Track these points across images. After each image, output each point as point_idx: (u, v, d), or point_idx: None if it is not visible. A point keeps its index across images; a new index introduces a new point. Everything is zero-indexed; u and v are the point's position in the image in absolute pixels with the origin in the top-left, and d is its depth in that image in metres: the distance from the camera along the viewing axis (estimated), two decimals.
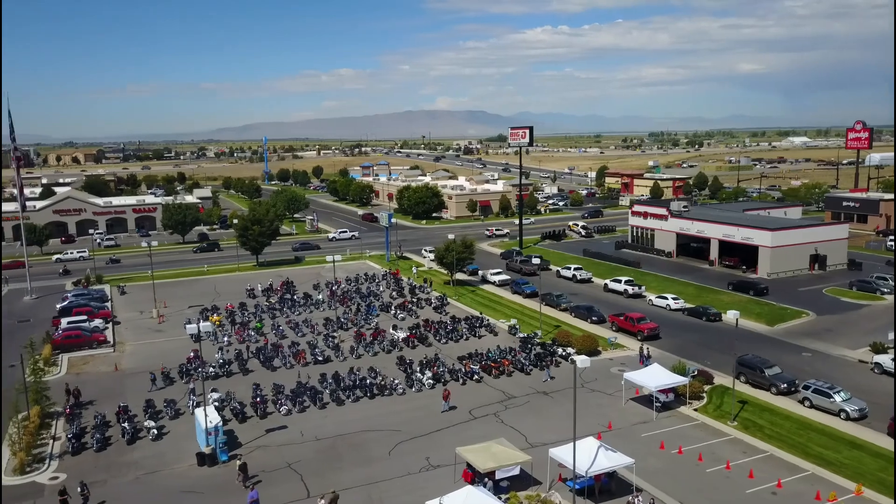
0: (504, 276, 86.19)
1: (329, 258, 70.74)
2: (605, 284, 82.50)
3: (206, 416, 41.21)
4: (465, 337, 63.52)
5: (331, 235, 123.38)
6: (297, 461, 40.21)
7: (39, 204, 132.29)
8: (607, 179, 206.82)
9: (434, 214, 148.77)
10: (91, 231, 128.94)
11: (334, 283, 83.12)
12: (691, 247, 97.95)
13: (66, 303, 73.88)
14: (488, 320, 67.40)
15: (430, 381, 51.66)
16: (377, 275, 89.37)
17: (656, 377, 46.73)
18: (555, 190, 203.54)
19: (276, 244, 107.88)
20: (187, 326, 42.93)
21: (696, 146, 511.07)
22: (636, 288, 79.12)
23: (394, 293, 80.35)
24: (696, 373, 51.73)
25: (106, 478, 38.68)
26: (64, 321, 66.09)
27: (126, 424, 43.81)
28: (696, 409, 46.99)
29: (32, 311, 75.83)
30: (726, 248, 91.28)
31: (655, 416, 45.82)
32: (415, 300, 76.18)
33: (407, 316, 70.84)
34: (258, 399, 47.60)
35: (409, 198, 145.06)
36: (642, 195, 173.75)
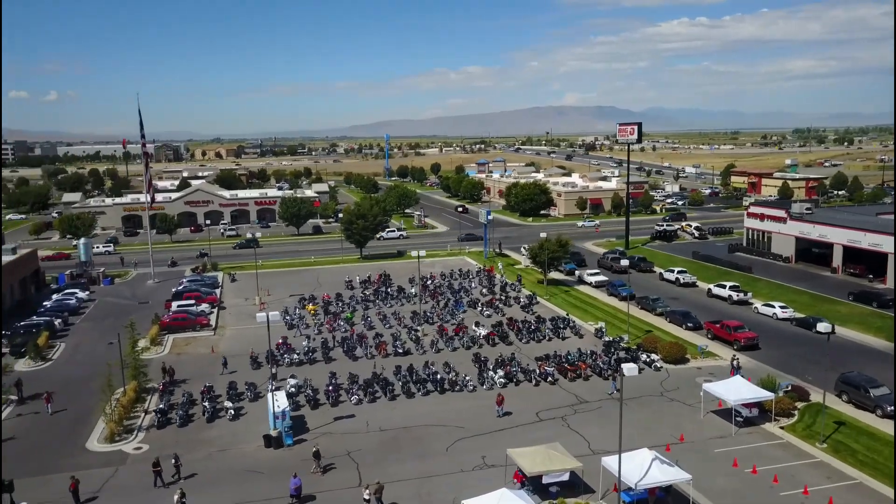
0: (601, 278, 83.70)
1: (413, 253, 71.46)
2: (709, 290, 78.11)
3: (275, 400, 43.09)
4: (547, 337, 62.32)
5: (379, 234, 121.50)
6: (357, 450, 41.09)
7: (175, 195, 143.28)
8: (733, 178, 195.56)
9: (542, 212, 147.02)
10: (207, 222, 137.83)
11: (427, 278, 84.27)
12: (812, 252, 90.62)
13: (180, 287, 79.67)
14: (574, 321, 65.74)
15: (502, 380, 51.13)
16: (471, 271, 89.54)
17: (738, 390, 43.67)
18: (676, 188, 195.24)
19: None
20: (257, 315, 44.78)
21: (846, 143, 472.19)
22: (742, 294, 74.32)
23: (484, 290, 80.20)
24: (789, 388, 47.89)
25: (182, 452, 41.30)
26: (174, 305, 71.31)
27: (207, 403, 46.64)
28: (782, 427, 43.46)
29: (153, 294, 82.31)
30: (852, 254, 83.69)
31: (735, 432, 42.85)
32: (503, 298, 75.69)
33: (493, 313, 70.50)
34: (331, 387, 49.12)
35: (516, 195, 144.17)
36: (770, 196, 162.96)
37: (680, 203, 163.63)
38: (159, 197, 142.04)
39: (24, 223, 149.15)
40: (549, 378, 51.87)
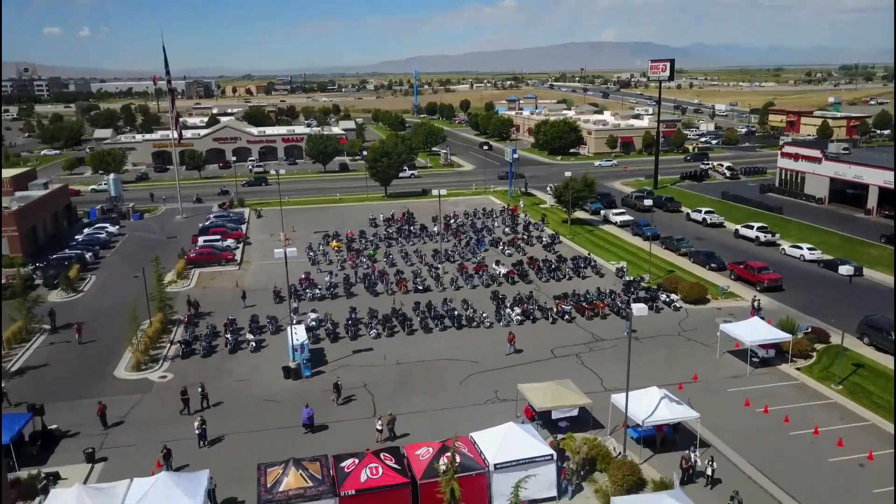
0: (626, 217, 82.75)
1: (435, 192, 71.17)
2: (736, 230, 76.83)
3: (294, 333, 44.05)
4: (567, 277, 62.21)
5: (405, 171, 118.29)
6: (374, 382, 42.03)
7: (203, 132, 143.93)
8: (771, 117, 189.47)
9: (571, 151, 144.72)
10: (233, 158, 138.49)
11: (451, 217, 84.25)
12: (847, 194, 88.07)
13: (207, 223, 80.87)
14: (595, 261, 65.40)
15: (519, 318, 51.45)
16: (495, 210, 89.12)
17: (755, 331, 43.39)
18: (711, 127, 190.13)
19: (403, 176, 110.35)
20: (275, 251, 45.30)
21: None
22: (769, 235, 73.00)
23: (507, 229, 79.93)
24: (809, 330, 47.41)
25: (204, 381, 42.72)
26: (201, 240, 72.54)
27: (229, 336, 47.89)
28: (798, 369, 43.26)
29: (181, 229, 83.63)
30: (888, 196, 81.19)
31: (749, 372, 42.77)
32: (526, 237, 75.43)
33: (514, 252, 70.42)
34: (350, 321, 49.98)
35: (545, 132, 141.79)
36: (808, 135, 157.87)
37: (714, 142, 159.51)
38: (188, 133, 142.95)
39: (57, 158, 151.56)
40: (566, 316, 52.02)
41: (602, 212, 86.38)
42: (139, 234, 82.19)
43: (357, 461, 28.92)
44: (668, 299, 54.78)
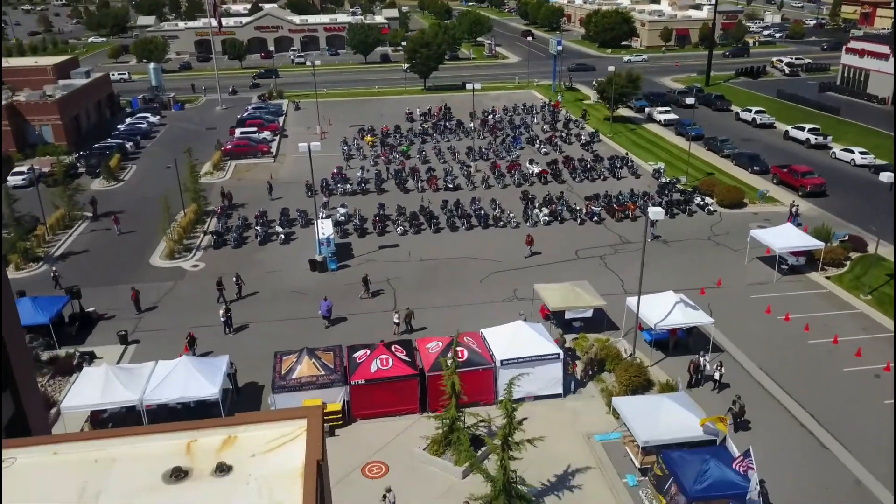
0: (671, 116, 79.59)
1: (469, 85, 69.25)
2: (786, 132, 73.38)
3: (321, 227, 44.80)
4: (602, 177, 60.94)
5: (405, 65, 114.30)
6: (396, 277, 42.84)
7: (245, 20, 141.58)
8: (843, 7, 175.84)
9: (623, 43, 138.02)
10: (270, 49, 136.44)
11: (489, 112, 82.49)
12: None
13: (245, 114, 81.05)
14: (632, 161, 63.74)
15: (546, 218, 51.10)
16: (536, 106, 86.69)
17: (786, 237, 42.24)
18: (777, 19, 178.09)
19: (444, 69, 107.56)
20: (299, 145, 45.36)
21: None
22: (821, 138, 69.59)
23: (546, 126, 77.98)
24: (846, 238, 45.95)
25: (234, 271, 44.22)
26: (238, 131, 72.96)
27: (259, 228, 48.99)
28: (828, 277, 42.30)
29: (220, 120, 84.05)
30: None
31: (776, 279, 42.05)
32: (564, 135, 73.58)
33: (551, 151, 68.98)
34: (377, 217, 50.44)
35: (595, 23, 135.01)
36: (883, 28, 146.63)
37: (778, 36, 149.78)
38: (230, 22, 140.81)
39: (103, 46, 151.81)
40: (595, 217, 51.43)
41: (647, 109, 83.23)
42: (179, 124, 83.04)
43: (369, 352, 30.00)
44: (702, 202, 53.45)
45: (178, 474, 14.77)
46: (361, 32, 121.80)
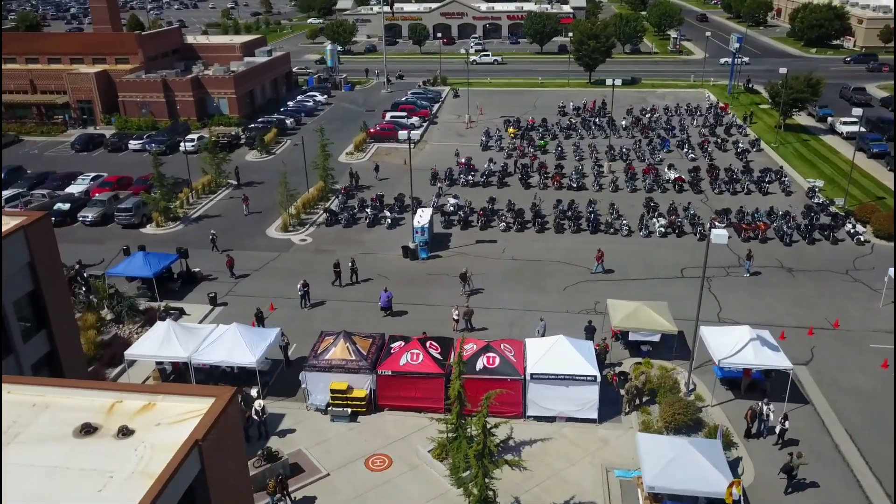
0: (856, 129, 70.02)
1: (609, 81, 65.88)
2: None
3: (419, 215, 45.54)
4: (745, 190, 55.50)
5: (472, 58, 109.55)
6: (481, 273, 42.32)
7: (433, 6, 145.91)
8: None
9: (834, 42, 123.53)
10: (441, 38, 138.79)
11: (647, 111, 78.33)
12: None
13: (402, 99, 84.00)
14: (785, 176, 57.26)
15: (662, 229, 47.71)
16: (701, 107, 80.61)
17: None
18: None
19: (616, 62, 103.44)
20: (400, 133, 46.16)
21: None
22: None
23: (704, 130, 72.31)
24: None
25: (334, 248, 46.47)
26: (388, 115, 75.85)
27: (369, 210, 50.82)
28: None
29: (381, 102, 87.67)
30: None
31: None
32: (719, 141, 67.76)
33: (700, 156, 63.94)
34: (481, 211, 50.16)
35: (802, 18, 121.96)
36: None
37: None
38: (417, 7, 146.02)
39: (305, 27, 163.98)
40: None
41: (829, 119, 74.11)
42: (344, 104, 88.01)
43: (403, 344, 30.22)
44: (852, 230, 46.86)
45: (88, 430, 16.20)
46: (539, 21, 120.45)
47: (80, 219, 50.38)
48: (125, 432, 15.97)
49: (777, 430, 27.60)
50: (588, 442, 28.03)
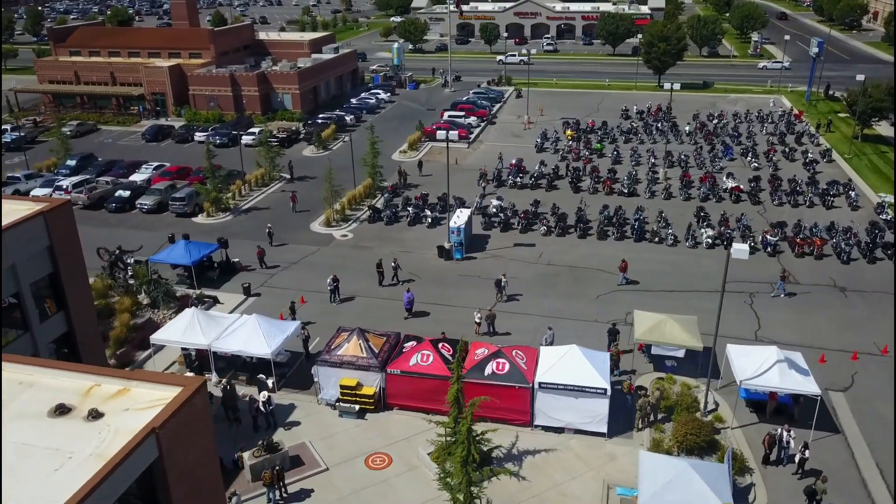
0: None
1: (667, 85, 63.61)
2: None
3: (457, 216, 45.42)
4: (808, 203, 52.69)
5: (499, 58, 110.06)
6: (514, 278, 41.68)
7: (507, 5, 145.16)
8: None
9: None
10: (509, 39, 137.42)
11: (714, 117, 75.56)
12: None
13: (463, 98, 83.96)
14: (854, 190, 54.01)
15: (709, 241, 45.86)
16: (773, 114, 77.02)
17: None
18: None
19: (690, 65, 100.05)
20: (438, 133, 46.00)
21: None
22: None
23: (773, 138, 69.05)
24: None
25: (374, 245, 46.90)
26: (446, 114, 75.97)
27: (411, 209, 51.02)
28: None
29: (443, 101, 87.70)
30: None
31: None
32: (787, 151, 64.53)
33: (764, 166, 61.11)
34: (525, 213, 49.52)
35: None
36: None
37: None
38: (492, 7, 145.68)
39: (380, 26, 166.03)
40: (769, 248, 44.88)
41: None
42: (406, 102, 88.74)
43: (415, 344, 30.19)
44: None
45: (62, 410, 16.89)
46: (612, 22, 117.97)
47: (138, 206, 52.73)
48: (95, 415, 16.56)
49: (797, 459, 26.04)
50: (594, 456, 27.24)
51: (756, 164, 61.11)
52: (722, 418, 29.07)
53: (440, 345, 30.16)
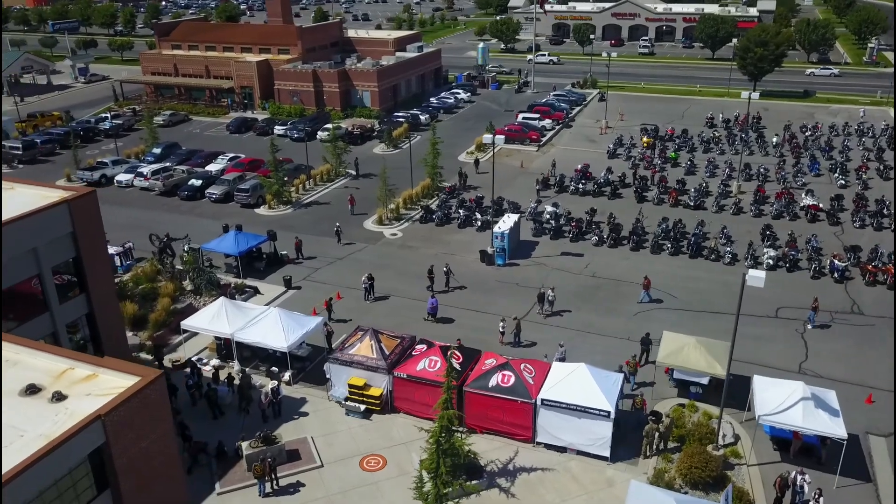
0: None
1: (745, 94, 60.03)
2: None
3: (503, 221, 44.92)
4: (893, 227, 48.49)
5: (528, 57, 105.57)
6: (552, 286, 40.67)
7: (606, 5, 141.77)
8: None
9: None
10: (602, 40, 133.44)
11: (807, 128, 70.93)
12: None
13: (541, 100, 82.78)
14: None
15: (770, 261, 43.10)
16: (875, 127, 71.34)
17: None
18: None
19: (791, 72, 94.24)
20: (485, 137, 45.49)
21: None
22: None
23: (869, 154, 63.92)
24: None
25: (421, 245, 47.15)
26: (521, 116, 75.17)
27: (462, 211, 50.86)
28: None
29: (522, 102, 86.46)
30: None
31: None
32: (881, 168, 59.60)
33: (851, 183, 56.77)
34: (575, 222, 48.30)
35: None
36: None
37: None
38: (588, 7, 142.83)
39: (475, 25, 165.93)
40: (836, 273, 41.67)
41: None
42: (485, 102, 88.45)
43: (425, 349, 30.14)
44: None
45: (32, 390, 18.06)
46: (712, 25, 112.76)
47: (207, 195, 55.36)
48: (59, 397, 17.62)
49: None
50: (591, 480, 26.28)
51: (843, 182, 56.85)
52: (738, 453, 27.34)
53: (450, 352, 29.87)
